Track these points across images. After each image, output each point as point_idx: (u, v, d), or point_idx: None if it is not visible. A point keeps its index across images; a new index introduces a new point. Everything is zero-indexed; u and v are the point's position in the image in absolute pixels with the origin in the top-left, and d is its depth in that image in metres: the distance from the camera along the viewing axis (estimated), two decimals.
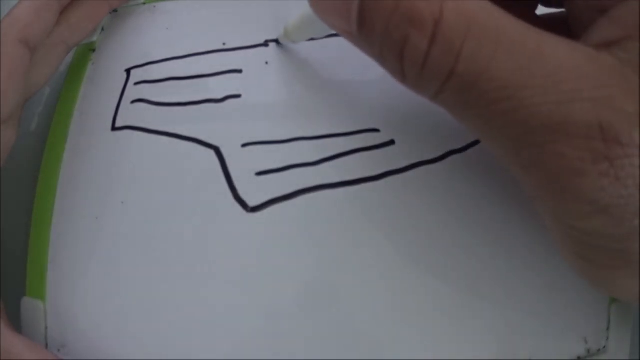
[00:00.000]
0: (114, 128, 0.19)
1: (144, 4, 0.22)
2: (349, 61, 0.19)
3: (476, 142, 0.17)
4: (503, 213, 0.17)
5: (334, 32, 0.16)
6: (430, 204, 0.17)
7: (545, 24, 0.16)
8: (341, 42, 0.14)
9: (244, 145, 0.18)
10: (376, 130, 0.18)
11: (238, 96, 0.19)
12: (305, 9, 0.16)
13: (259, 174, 0.18)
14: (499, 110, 0.11)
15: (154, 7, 0.22)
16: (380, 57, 0.13)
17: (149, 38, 0.21)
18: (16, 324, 0.17)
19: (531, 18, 0.16)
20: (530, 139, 0.11)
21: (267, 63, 0.19)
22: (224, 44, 0.20)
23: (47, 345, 0.17)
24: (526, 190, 0.13)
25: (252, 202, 0.17)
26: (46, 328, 0.18)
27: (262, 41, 0.20)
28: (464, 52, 0.11)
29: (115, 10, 0.22)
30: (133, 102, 0.19)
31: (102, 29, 0.22)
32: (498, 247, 0.17)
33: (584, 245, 0.12)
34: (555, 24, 0.16)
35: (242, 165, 0.18)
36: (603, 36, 0.12)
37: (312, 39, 0.19)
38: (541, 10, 0.17)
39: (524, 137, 0.12)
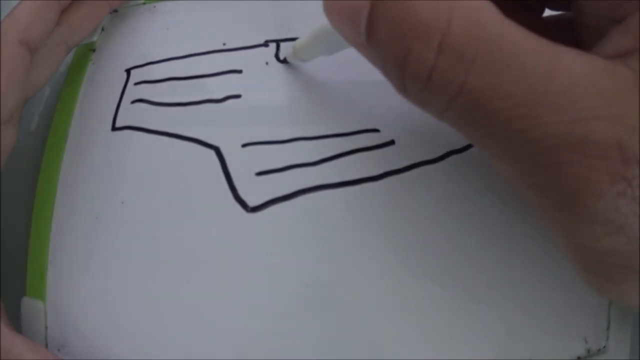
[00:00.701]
0: (114, 128, 0.19)
1: (144, 4, 0.22)
2: (349, 61, 0.19)
3: None
4: (503, 213, 0.17)
5: (342, 49, 0.16)
6: (429, 204, 0.17)
7: (551, 26, 0.16)
8: None
9: (244, 145, 0.18)
10: (376, 130, 0.18)
11: (238, 96, 0.19)
12: (314, 27, 0.16)
13: (259, 174, 0.18)
14: (511, 129, 0.11)
15: (154, 7, 0.22)
16: (384, 68, 0.12)
17: (149, 38, 0.21)
18: (16, 324, 0.17)
19: (537, 21, 0.16)
20: (544, 159, 0.11)
21: (267, 63, 0.19)
22: (224, 44, 0.20)
23: (47, 345, 0.17)
24: (533, 207, 0.12)
25: (252, 202, 0.17)
26: (46, 328, 0.18)
27: (262, 41, 0.20)
28: (475, 67, 0.10)
29: (115, 10, 0.22)
30: (133, 102, 0.19)
31: (102, 29, 0.22)
32: (498, 247, 0.17)
33: (593, 261, 0.12)
34: (561, 26, 0.16)
35: (242, 165, 0.18)
36: (617, 46, 0.12)
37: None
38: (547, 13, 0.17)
39: (538, 157, 0.11)
